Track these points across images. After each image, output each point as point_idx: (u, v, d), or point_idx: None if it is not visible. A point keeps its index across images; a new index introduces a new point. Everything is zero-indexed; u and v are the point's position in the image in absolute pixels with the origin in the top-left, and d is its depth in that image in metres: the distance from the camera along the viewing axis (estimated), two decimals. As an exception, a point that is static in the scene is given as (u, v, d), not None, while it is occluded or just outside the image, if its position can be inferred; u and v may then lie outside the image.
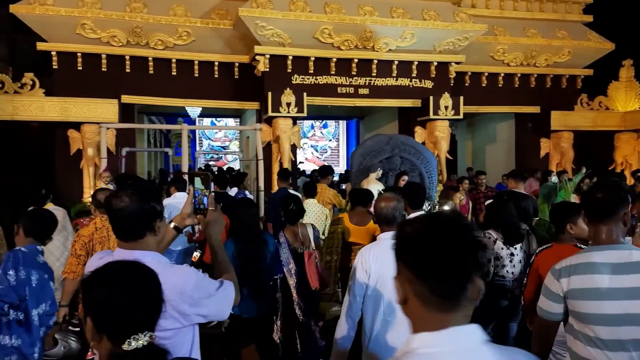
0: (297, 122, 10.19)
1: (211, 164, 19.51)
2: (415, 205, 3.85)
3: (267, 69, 9.82)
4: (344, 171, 15.18)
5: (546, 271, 2.30)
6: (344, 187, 10.73)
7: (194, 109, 12.45)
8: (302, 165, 16.96)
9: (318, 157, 21.31)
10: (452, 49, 10.52)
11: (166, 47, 9.81)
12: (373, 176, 6.75)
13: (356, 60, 10.23)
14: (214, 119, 19.45)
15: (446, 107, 10.49)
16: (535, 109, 12.08)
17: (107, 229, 3.83)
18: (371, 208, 4.36)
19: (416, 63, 10.57)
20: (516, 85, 11.98)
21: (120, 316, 1.28)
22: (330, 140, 21.85)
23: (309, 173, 13.97)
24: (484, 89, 11.81)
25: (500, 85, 11.88)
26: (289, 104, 9.61)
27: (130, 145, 9.96)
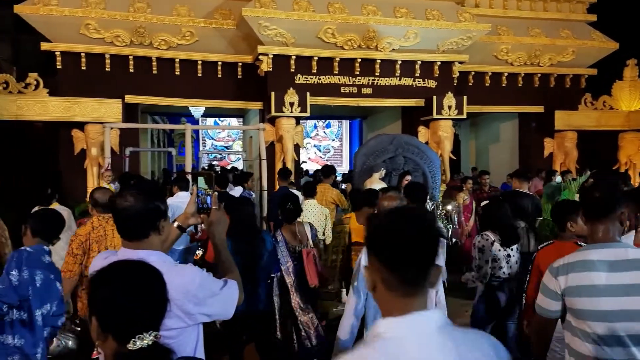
0: (300, 122, 10.19)
1: (214, 163, 19.53)
2: (416, 204, 3.84)
3: (271, 69, 9.82)
4: (348, 171, 15.20)
5: (547, 267, 2.35)
6: (344, 187, 10.74)
7: (197, 108, 12.46)
8: (305, 165, 16.95)
9: (321, 157, 21.31)
10: (455, 49, 10.51)
11: (170, 47, 9.82)
12: (376, 176, 6.74)
13: (359, 60, 10.22)
14: (217, 118, 19.48)
15: (449, 107, 10.47)
16: (539, 108, 12.04)
17: (103, 228, 3.82)
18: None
19: (419, 63, 10.55)
20: (520, 85, 11.94)
21: (125, 316, 1.28)
22: (334, 140, 21.85)
23: (312, 173, 13.98)
24: (488, 88, 11.79)
25: (503, 84, 11.85)
26: (292, 104, 9.61)
27: (134, 145, 9.98)
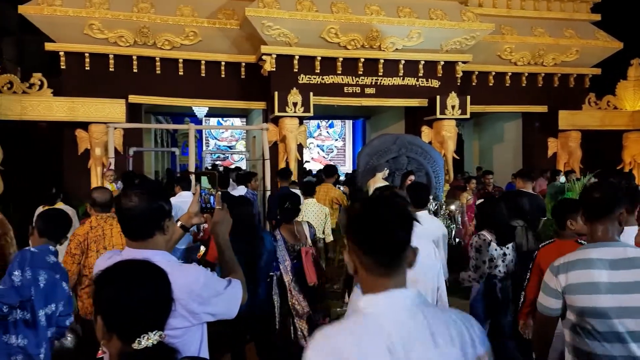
0: (304, 122, 10.19)
1: (218, 163, 19.55)
2: (418, 204, 3.84)
3: (274, 69, 9.82)
4: (352, 171, 15.17)
5: (547, 265, 2.38)
6: (341, 189, 10.72)
7: (200, 108, 12.48)
8: (307, 165, 16.94)
9: (324, 157, 21.28)
10: (459, 48, 10.48)
11: (173, 47, 9.83)
12: (380, 176, 6.73)
13: (363, 60, 10.21)
14: (220, 118, 19.47)
15: (453, 107, 10.45)
16: (543, 108, 12.00)
17: (102, 227, 3.83)
18: None
19: (423, 62, 10.53)
20: (523, 85, 11.91)
21: (130, 315, 1.28)
22: (337, 139, 21.82)
23: (315, 173, 13.97)
24: (491, 88, 11.76)
25: (507, 84, 11.82)
26: (295, 104, 9.61)
27: (138, 145, 10.00)
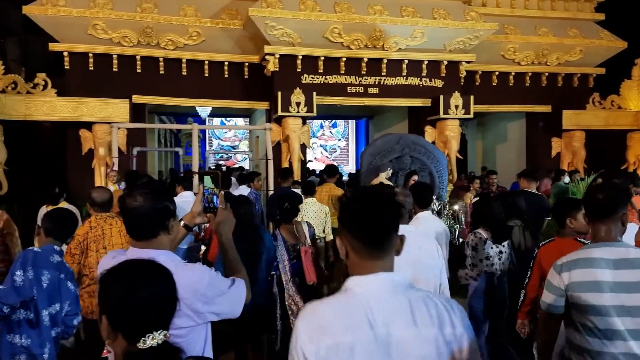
0: (307, 122, 10.19)
1: (221, 163, 19.58)
2: (422, 204, 3.84)
3: (277, 69, 9.82)
4: (355, 171, 15.17)
5: (548, 264, 2.45)
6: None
7: (204, 108, 12.49)
8: (311, 165, 16.95)
9: (327, 157, 21.28)
10: (462, 48, 10.47)
11: (176, 47, 9.85)
12: (383, 175, 6.73)
13: (366, 60, 10.20)
14: (223, 118, 19.51)
15: (456, 107, 10.43)
16: (547, 108, 11.96)
17: (101, 227, 3.84)
18: None
19: (426, 62, 10.52)
20: (527, 84, 11.88)
21: (135, 315, 1.29)
22: (340, 139, 21.81)
23: (318, 172, 13.97)
24: (495, 88, 11.73)
25: (511, 84, 11.79)
26: (298, 104, 9.61)
27: (141, 144, 10.02)
